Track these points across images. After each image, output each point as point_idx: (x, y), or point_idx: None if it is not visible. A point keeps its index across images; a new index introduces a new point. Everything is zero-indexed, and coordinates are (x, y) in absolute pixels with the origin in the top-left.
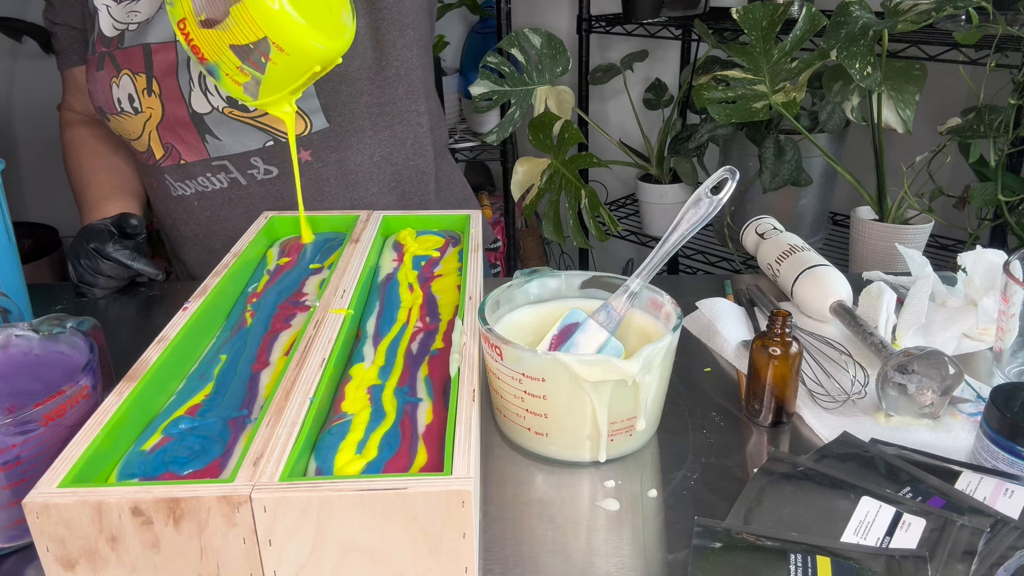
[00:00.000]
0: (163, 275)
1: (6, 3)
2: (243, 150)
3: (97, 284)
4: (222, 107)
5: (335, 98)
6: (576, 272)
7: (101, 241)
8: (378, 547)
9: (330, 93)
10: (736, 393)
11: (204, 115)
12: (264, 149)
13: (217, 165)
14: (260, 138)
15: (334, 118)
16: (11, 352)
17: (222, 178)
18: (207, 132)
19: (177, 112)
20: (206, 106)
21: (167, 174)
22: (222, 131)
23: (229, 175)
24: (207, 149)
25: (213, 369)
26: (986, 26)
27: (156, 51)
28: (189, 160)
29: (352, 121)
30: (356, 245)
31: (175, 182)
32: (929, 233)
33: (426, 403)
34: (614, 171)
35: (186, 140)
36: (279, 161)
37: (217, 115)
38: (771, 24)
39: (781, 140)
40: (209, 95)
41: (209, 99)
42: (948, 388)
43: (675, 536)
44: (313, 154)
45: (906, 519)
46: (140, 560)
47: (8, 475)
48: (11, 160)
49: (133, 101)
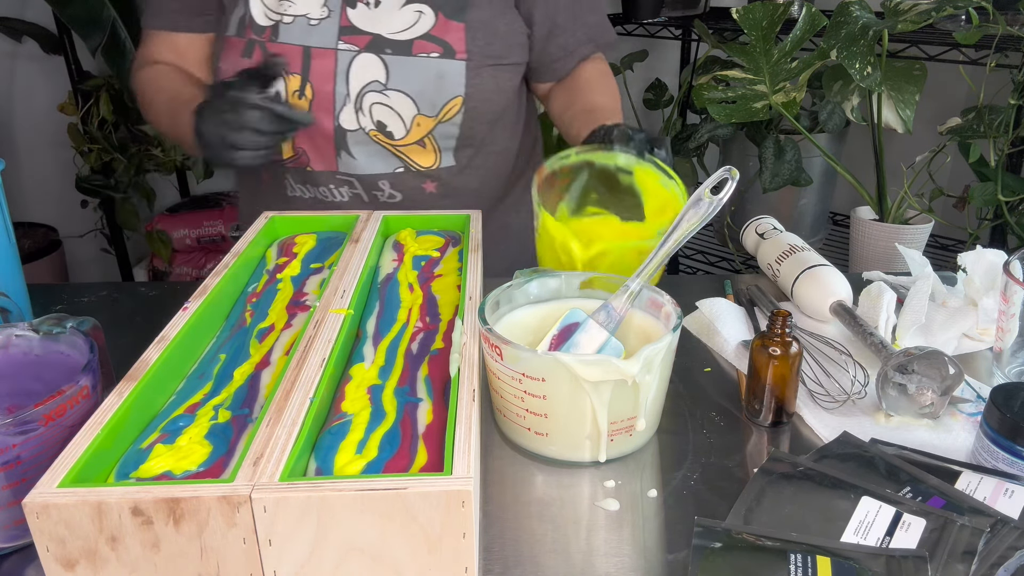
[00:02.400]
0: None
1: (6, 3)
2: (373, 172)
3: (244, 144)
4: (369, 129)
5: (469, 141)
6: (576, 272)
7: (241, 88)
8: (378, 547)
9: (469, 138)
10: (736, 393)
11: (348, 131)
12: (394, 174)
13: (343, 179)
14: (392, 164)
15: (461, 160)
16: (11, 352)
17: (344, 192)
18: (344, 148)
19: (323, 122)
20: (354, 124)
21: (289, 174)
22: (359, 151)
23: (353, 191)
24: (338, 163)
25: (213, 369)
26: (986, 26)
27: (316, 55)
28: (317, 168)
29: (472, 158)
30: (356, 245)
31: (295, 183)
32: (929, 233)
33: (426, 403)
34: None
35: (320, 149)
36: (405, 188)
37: (361, 134)
38: (771, 24)
39: (781, 140)
40: (361, 114)
41: (359, 118)
42: (948, 388)
43: (675, 536)
44: (438, 187)
45: (906, 519)
46: (140, 560)
47: (8, 475)
48: (11, 160)
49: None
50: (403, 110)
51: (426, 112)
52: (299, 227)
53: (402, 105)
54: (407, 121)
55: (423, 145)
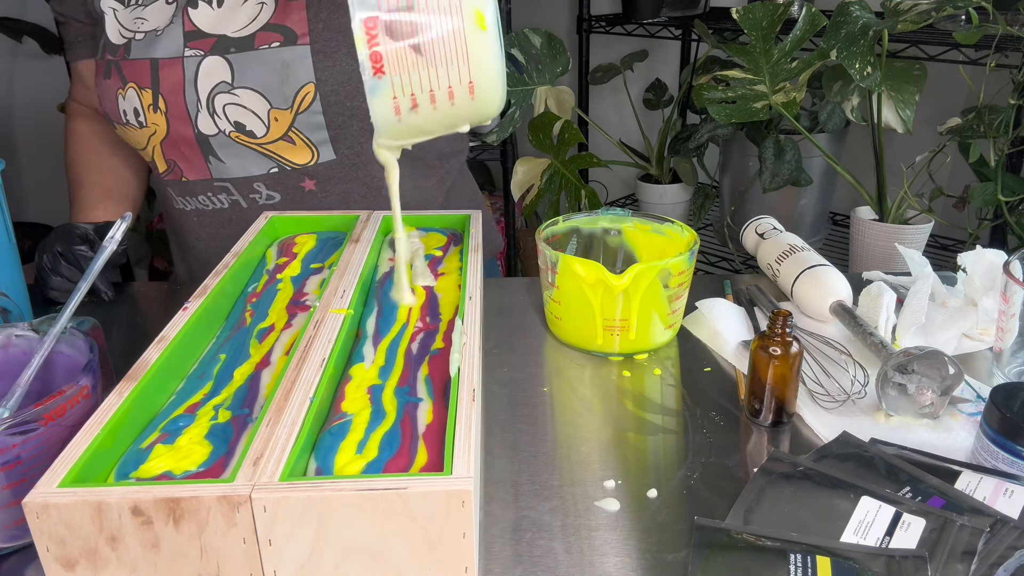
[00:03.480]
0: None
1: (6, 3)
2: (246, 175)
3: (49, 284)
4: (229, 131)
5: (344, 131)
6: None
7: (69, 243)
8: (378, 547)
9: (340, 126)
10: (736, 393)
11: (210, 136)
12: (268, 175)
13: (219, 186)
14: (265, 164)
15: (341, 151)
16: (11, 352)
17: (223, 199)
18: (211, 153)
19: (182, 131)
20: (212, 128)
21: (170, 187)
22: (226, 154)
23: (231, 197)
24: (210, 170)
25: (213, 369)
26: (986, 26)
27: (163, 66)
28: (191, 178)
29: (359, 155)
30: (356, 245)
31: (177, 196)
32: (929, 233)
33: (426, 403)
34: (614, 171)
35: (189, 159)
36: (283, 188)
37: (223, 138)
38: (771, 24)
39: (781, 140)
40: (216, 118)
41: (216, 122)
42: (948, 388)
43: (675, 536)
44: (317, 184)
45: (906, 519)
46: (140, 560)
47: (8, 475)
48: (11, 160)
49: (138, 115)
50: (255, 106)
51: (279, 105)
52: (299, 227)
53: (253, 101)
54: (263, 117)
55: (291, 141)
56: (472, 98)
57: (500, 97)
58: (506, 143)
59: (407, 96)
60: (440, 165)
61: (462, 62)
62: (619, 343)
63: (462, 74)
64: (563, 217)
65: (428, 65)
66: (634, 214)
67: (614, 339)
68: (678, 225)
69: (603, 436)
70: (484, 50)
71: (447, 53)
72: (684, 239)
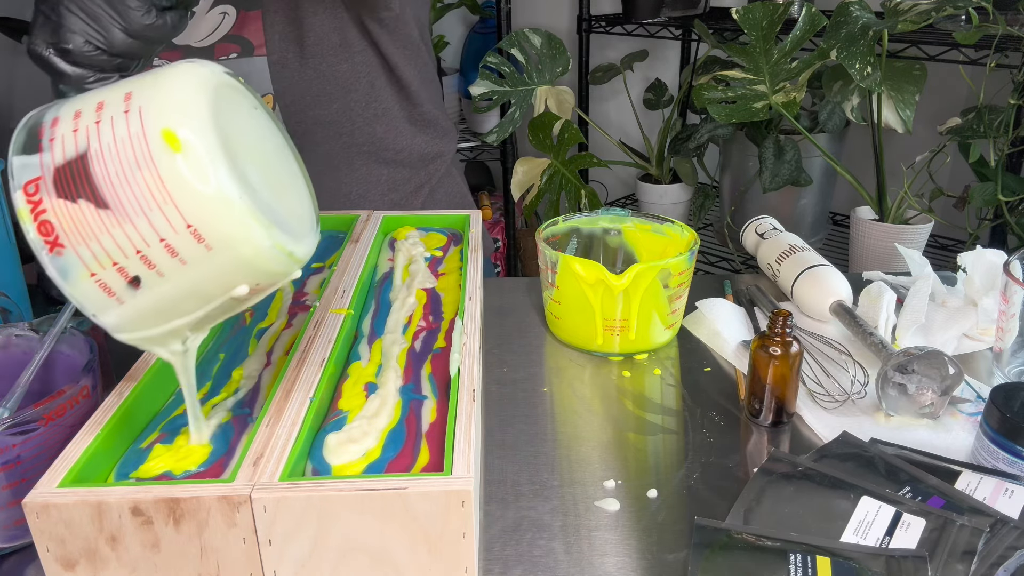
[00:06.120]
0: None
1: (6, 3)
2: None
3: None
4: None
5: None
6: None
7: None
8: (378, 547)
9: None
10: (736, 393)
11: None
12: None
13: None
14: None
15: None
16: (11, 352)
17: None
18: None
19: None
20: None
21: None
22: None
23: None
24: None
25: (212, 368)
26: (986, 26)
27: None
28: None
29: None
30: (356, 245)
31: None
32: (929, 233)
33: (431, 401)
34: (614, 171)
35: None
36: None
37: None
38: (771, 24)
39: (781, 140)
40: None
41: None
42: (948, 388)
43: (675, 536)
44: None
45: (906, 519)
46: (140, 560)
47: (8, 475)
48: None
49: None
50: None
51: None
52: None
53: None
54: None
55: None
56: (209, 248)
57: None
58: (506, 143)
59: (109, 268)
60: (422, 167)
61: (165, 203)
62: (619, 343)
63: (172, 220)
64: (563, 217)
65: (119, 222)
66: (634, 214)
67: (614, 339)
68: (678, 225)
69: (603, 436)
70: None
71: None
72: (684, 239)
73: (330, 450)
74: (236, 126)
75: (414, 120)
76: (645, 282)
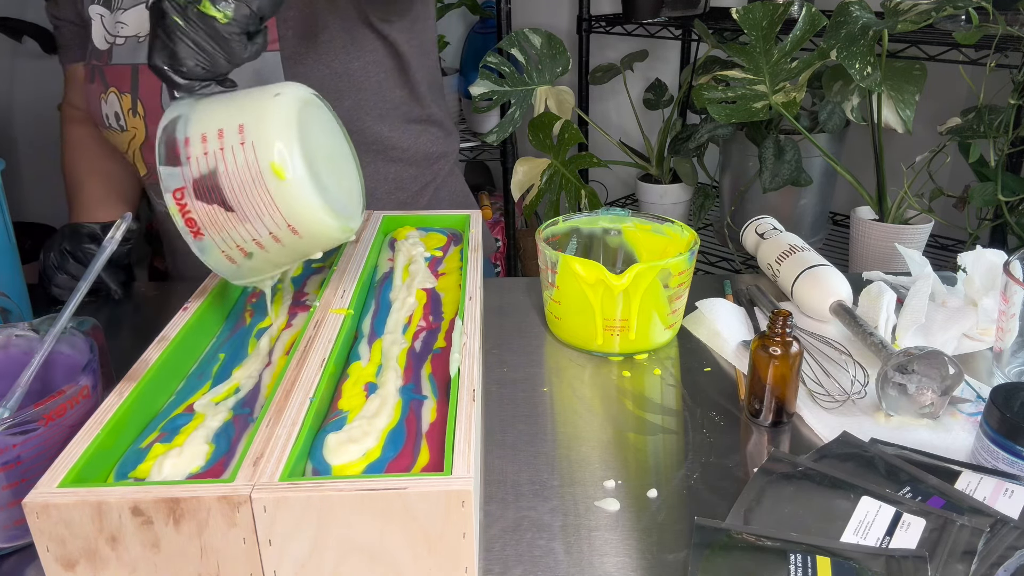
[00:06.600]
0: (120, 295)
1: (6, 3)
2: None
3: (54, 281)
4: None
5: None
6: None
7: (76, 242)
8: (378, 547)
9: None
10: (736, 393)
11: None
12: None
13: None
14: None
15: None
16: (11, 352)
17: None
18: None
19: None
20: None
21: (151, 190)
22: None
23: None
24: None
25: (212, 368)
26: (986, 26)
27: (143, 71)
28: None
29: None
30: (356, 245)
31: (157, 199)
32: (929, 233)
33: (431, 401)
34: (614, 171)
35: None
36: None
37: None
38: (771, 24)
39: (781, 140)
40: None
41: None
42: (948, 388)
43: (675, 536)
44: None
45: (906, 519)
46: (140, 560)
47: (8, 475)
48: (11, 160)
49: (119, 119)
50: None
51: None
52: None
53: None
54: None
55: None
56: (300, 237)
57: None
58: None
59: (234, 248)
60: (427, 166)
61: (273, 212)
62: (619, 343)
63: (277, 221)
64: (563, 217)
65: (241, 221)
66: (634, 214)
67: (614, 339)
68: (678, 225)
69: (603, 436)
70: (291, 197)
71: (254, 207)
72: (684, 239)
73: (330, 450)
74: (314, 133)
75: (421, 119)
76: (645, 282)
